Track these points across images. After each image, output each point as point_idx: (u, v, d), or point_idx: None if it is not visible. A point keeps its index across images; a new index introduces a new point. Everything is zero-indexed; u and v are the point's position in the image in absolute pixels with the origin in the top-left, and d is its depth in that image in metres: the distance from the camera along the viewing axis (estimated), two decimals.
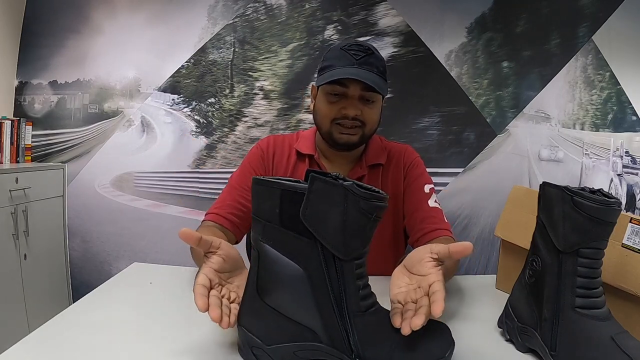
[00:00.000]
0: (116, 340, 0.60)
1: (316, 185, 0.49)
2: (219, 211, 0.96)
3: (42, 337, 0.59)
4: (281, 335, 0.52)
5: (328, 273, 0.51)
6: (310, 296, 0.51)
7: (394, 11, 2.20)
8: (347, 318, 0.51)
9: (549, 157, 2.31)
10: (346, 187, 0.48)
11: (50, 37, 2.18)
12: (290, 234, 0.51)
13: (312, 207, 0.49)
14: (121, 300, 0.75)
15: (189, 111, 2.22)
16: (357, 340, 0.51)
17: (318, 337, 0.52)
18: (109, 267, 2.18)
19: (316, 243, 0.50)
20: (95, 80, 2.21)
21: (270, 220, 0.51)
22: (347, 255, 0.50)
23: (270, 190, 0.51)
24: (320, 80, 0.94)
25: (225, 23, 2.20)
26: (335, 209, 0.49)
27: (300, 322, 0.52)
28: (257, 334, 0.53)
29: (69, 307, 0.69)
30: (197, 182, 2.20)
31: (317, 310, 0.51)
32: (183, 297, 0.77)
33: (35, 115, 2.20)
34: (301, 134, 1.10)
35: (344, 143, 0.96)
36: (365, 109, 0.94)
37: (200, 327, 0.59)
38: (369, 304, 0.52)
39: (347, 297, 0.51)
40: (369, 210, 0.49)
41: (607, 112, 2.34)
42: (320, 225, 0.49)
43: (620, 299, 0.65)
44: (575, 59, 2.30)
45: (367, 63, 0.92)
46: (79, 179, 2.20)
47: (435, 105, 2.23)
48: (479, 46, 2.25)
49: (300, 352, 0.52)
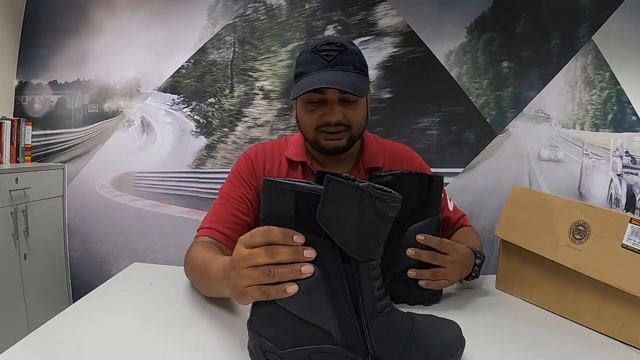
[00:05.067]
0: (116, 340, 0.60)
1: (332, 187, 0.49)
2: (213, 225, 0.90)
3: (42, 337, 0.59)
4: (295, 338, 0.52)
5: (345, 274, 0.51)
6: (327, 298, 0.51)
7: (394, 11, 2.20)
8: (364, 319, 0.51)
9: (549, 157, 2.31)
10: (362, 189, 0.49)
11: (50, 37, 2.18)
12: (306, 236, 0.50)
13: (328, 208, 0.49)
14: (121, 301, 0.75)
15: (189, 111, 2.22)
16: (374, 340, 0.51)
17: (333, 339, 0.51)
18: (108, 267, 2.18)
19: (333, 244, 0.50)
20: (95, 80, 2.21)
21: (283, 221, 0.51)
22: (363, 257, 0.50)
23: (284, 192, 0.50)
24: (295, 92, 0.88)
25: (225, 23, 2.20)
26: (352, 210, 0.49)
27: (316, 324, 0.51)
28: (270, 338, 0.52)
29: (69, 307, 0.69)
30: (197, 182, 2.20)
31: (334, 312, 0.51)
32: (183, 297, 0.77)
33: (35, 115, 2.20)
34: (290, 140, 1.05)
35: (332, 149, 0.92)
36: (347, 112, 0.88)
37: (201, 327, 0.59)
38: (384, 305, 0.52)
39: (363, 298, 0.51)
40: (384, 211, 0.50)
41: (607, 112, 2.34)
42: (336, 227, 0.49)
43: (620, 299, 0.65)
44: (575, 59, 2.30)
45: (340, 62, 0.86)
46: (79, 179, 2.20)
47: (435, 105, 2.22)
48: (479, 46, 2.25)
49: (315, 355, 0.52)
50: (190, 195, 2.19)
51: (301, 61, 0.90)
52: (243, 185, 0.95)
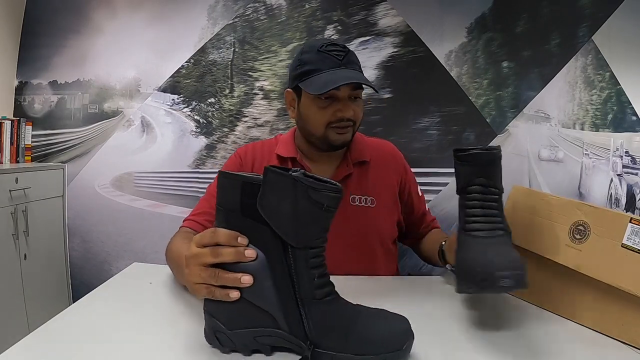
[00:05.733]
0: (116, 340, 0.60)
1: (269, 177, 0.52)
2: (195, 218, 0.98)
3: (42, 337, 0.59)
4: (243, 320, 0.54)
5: (286, 261, 0.53)
6: (271, 282, 0.53)
7: (394, 11, 2.19)
8: (301, 305, 0.53)
9: (549, 157, 2.31)
10: (294, 177, 0.51)
11: (50, 37, 2.18)
12: (251, 223, 0.54)
13: (267, 197, 0.52)
14: (121, 300, 0.75)
15: (188, 111, 2.22)
16: (312, 327, 0.53)
17: (277, 323, 0.54)
18: (109, 267, 2.17)
19: (274, 232, 0.53)
20: (95, 80, 2.21)
21: (232, 209, 0.55)
22: (299, 244, 0.53)
23: (233, 182, 0.55)
24: (316, 88, 0.88)
25: (225, 23, 2.19)
26: (286, 199, 0.52)
27: (262, 307, 0.54)
28: (220, 318, 0.55)
29: (69, 307, 0.70)
30: (197, 182, 2.19)
31: (277, 296, 0.53)
32: (182, 297, 0.77)
33: (35, 115, 2.20)
34: (280, 139, 1.09)
35: (340, 144, 0.97)
36: (355, 108, 0.95)
37: (201, 327, 0.59)
38: (324, 292, 0.54)
39: (300, 284, 0.53)
40: (319, 200, 0.51)
41: (607, 112, 2.34)
42: (274, 215, 0.52)
43: (620, 299, 0.65)
44: (575, 59, 2.29)
45: (350, 62, 0.92)
46: (79, 179, 2.19)
47: (435, 105, 2.22)
48: (479, 46, 2.25)
49: (260, 338, 0.55)
50: (190, 195, 2.18)
51: (307, 60, 0.93)
52: None
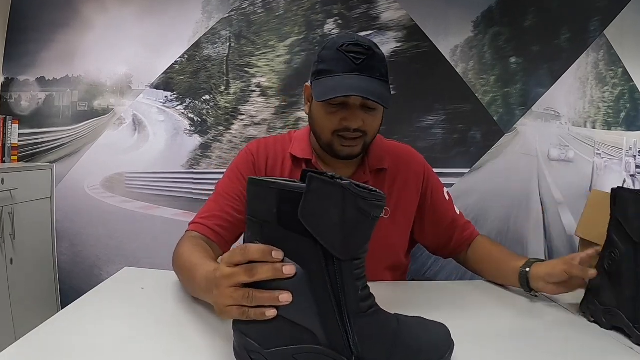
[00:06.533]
0: (107, 348, 0.60)
1: (314, 185, 0.50)
2: (205, 222, 0.91)
3: (29, 345, 0.59)
4: (279, 338, 0.53)
5: (328, 273, 0.52)
6: (310, 297, 0.52)
7: (397, 4, 2.16)
8: (347, 319, 0.52)
9: (559, 157, 2.29)
10: (344, 187, 0.50)
11: (38, 32, 2.14)
12: (289, 234, 0.51)
13: (311, 206, 0.50)
14: (112, 306, 0.75)
15: (182, 109, 2.18)
16: (357, 341, 0.52)
17: (317, 339, 0.53)
18: (99, 272, 2.15)
19: (315, 243, 0.51)
20: (84, 77, 2.17)
21: (267, 220, 0.52)
22: (346, 255, 0.51)
23: (267, 191, 0.52)
24: (320, 93, 0.85)
25: (220, 17, 2.16)
26: (334, 209, 0.50)
27: (300, 323, 0.52)
28: (254, 337, 0.53)
29: (58, 313, 0.69)
30: (191, 183, 2.17)
31: (317, 312, 0.52)
32: (176, 302, 0.77)
33: (22, 113, 2.16)
34: (294, 136, 1.04)
35: (346, 155, 0.91)
36: (367, 118, 0.88)
37: (194, 334, 0.59)
38: (368, 305, 0.54)
39: (346, 297, 0.52)
40: (367, 209, 0.51)
41: (619, 109, 2.33)
42: (319, 225, 0.51)
43: None
44: (586, 55, 2.27)
45: (368, 67, 0.84)
46: (68, 179, 2.16)
47: (440, 102, 2.19)
48: (486, 41, 2.22)
49: (299, 355, 0.53)
50: (184, 196, 2.16)
51: (324, 57, 0.87)
52: (241, 182, 0.95)
